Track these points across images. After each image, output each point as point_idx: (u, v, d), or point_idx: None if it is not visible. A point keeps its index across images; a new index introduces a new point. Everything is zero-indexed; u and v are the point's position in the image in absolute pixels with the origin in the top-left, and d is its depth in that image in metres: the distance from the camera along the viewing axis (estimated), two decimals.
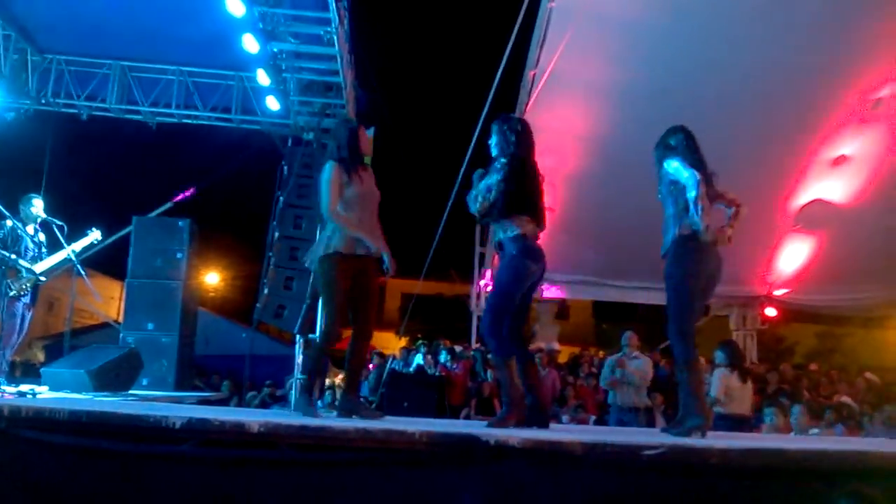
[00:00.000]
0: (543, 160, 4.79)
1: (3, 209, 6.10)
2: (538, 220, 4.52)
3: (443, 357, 10.79)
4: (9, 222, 6.30)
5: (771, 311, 14.15)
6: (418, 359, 10.85)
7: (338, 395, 9.81)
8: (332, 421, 4.15)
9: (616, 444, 3.39)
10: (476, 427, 4.24)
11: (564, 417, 9.26)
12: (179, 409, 4.69)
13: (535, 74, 10.29)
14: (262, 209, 10.01)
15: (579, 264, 12.27)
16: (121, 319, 14.57)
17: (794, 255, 12.92)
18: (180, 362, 9.24)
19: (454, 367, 10.42)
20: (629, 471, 3.37)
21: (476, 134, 9.70)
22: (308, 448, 3.76)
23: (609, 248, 11.99)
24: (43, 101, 10.27)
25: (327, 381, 10.91)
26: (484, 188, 4.44)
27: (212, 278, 20.01)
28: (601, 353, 13.36)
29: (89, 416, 3.83)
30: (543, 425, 4.38)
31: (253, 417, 3.96)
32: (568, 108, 10.63)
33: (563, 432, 4.16)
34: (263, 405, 10.73)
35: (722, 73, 9.67)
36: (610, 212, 11.33)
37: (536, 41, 10.06)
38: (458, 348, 11.69)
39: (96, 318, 14.95)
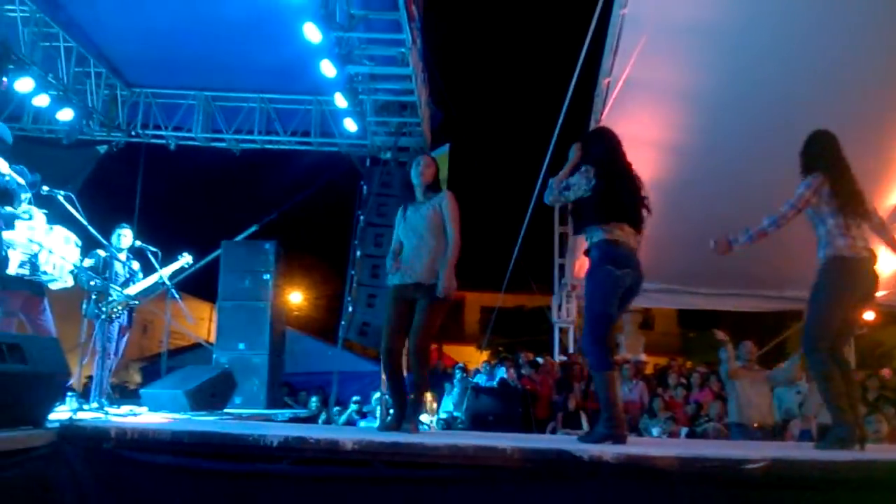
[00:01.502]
0: None
1: (99, 237, 6.39)
2: (631, 225, 4.43)
3: (526, 370, 10.73)
4: (102, 251, 6.61)
5: (869, 315, 13.51)
6: (501, 372, 10.81)
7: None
8: (424, 438, 4.18)
9: (714, 459, 3.29)
10: (568, 442, 4.19)
11: (654, 430, 9.05)
12: (275, 427, 4.80)
13: (609, 82, 10.17)
14: (343, 228, 10.24)
15: (663, 272, 12.01)
16: (212, 340, 15.07)
17: (891, 257, 12.30)
18: (271, 381, 9.48)
19: (538, 380, 10.34)
20: (728, 486, 3.27)
21: (552, 144, 9.65)
22: (400, 465, 3.80)
23: (693, 255, 11.68)
24: (133, 133, 10.74)
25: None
26: (564, 183, 4.41)
27: (295, 297, 20.48)
28: (689, 364, 13.04)
29: (191, 437, 3.95)
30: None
31: (346, 435, 4.02)
32: (644, 115, 10.45)
33: (658, 447, 4.06)
34: (350, 421, 10.87)
35: (802, 76, 9.33)
36: (691, 218, 11.05)
37: (609, 49, 9.95)
38: (540, 360, 11.59)
39: (188, 339, 15.47)
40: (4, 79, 8.11)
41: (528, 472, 3.63)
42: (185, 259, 7.03)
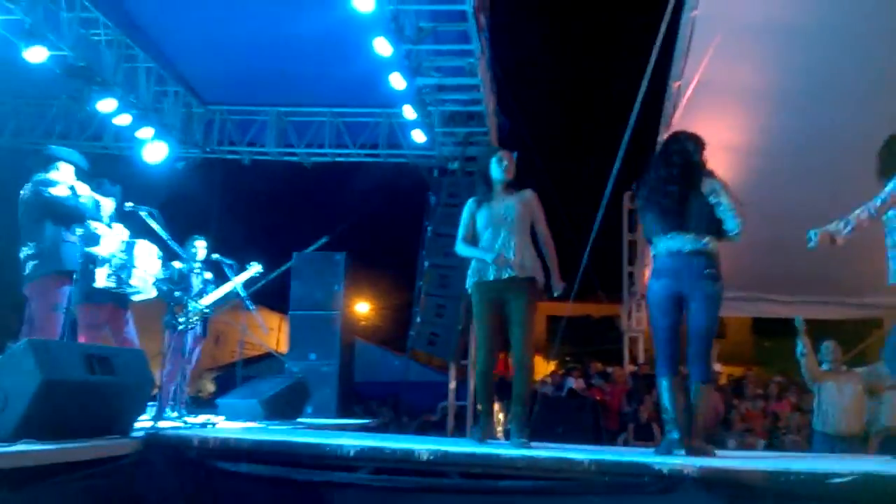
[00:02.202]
0: None
1: (180, 251, 6.60)
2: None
3: (596, 380, 10.60)
4: (177, 263, 6.83)
5: None
6: (569, 382, 10.70)
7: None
8: (500, 449, 4.16)
9: (801, 473, 3.18)
10: (646, 455, 4.12)
11: (731, 442, 8.82)
12: (352, 437, 4.86)
13: (680, 85, 9.99)
14: (410, 239, 10.32)
15: (738, 279, 11.71)
16: (283, 350, 15.34)
17: None
18: (341, 390, 9.60)
19: (608, 390, 10.20)
20: (815, 501, 3.16)
21: (622, 150, 9.53)
22: (477, 476, 3.80)
23: (769, 261, 11.37)
24: (208, 150, 11.08)
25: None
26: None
27: (363, 308, 20.72)
28: (765, 374, 12.68)
29: (270, 446, 4.04)
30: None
31: (422, 445, 4.03)
32: (716, 118, 10.21)
33: (740, 460, 3.95)
34: (420, 431, 10.92)
35: (880, 73, 8.98)
36: (768, 223, 10.74)
37: (680, 51, 9.77)
38: (609, 370, 11.43)
39: (260, 348, 15.81)
40: None
41: (606, 486, 3.59)
42: (255, 269, 7.19)
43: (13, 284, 5.76)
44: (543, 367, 15.09)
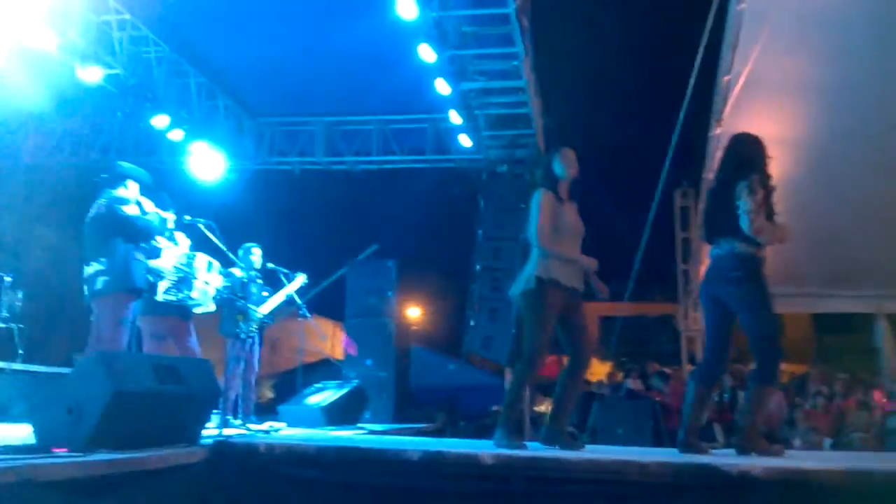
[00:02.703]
0: None
1: (237, 261, 6.72)
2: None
3: (654, 381, 10.43)
4: (236, 272, 6.94)
5: None
6: (627, 383, 10.56)
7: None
8: (563, 452, 4.14)
9: (882, 472, 3.09)
10: (711, 456, 4.05)
11: (796, 441, 8.60)
12: (414, 441, 4.88)
13: (729, 80, 9.82)
14: (460, 243, 10.34)
15: (796, 275, 11.44)
16: (338, 356, 15.47)
17: None
18: (398, 395, 9.66)
19: (668, 391, 10.03)
20: (891, 500, 3.07)
21: (672, 147, 9.40)
22: (540, 480, 3.78)
23: (828, 255, 11.08)
24: (259, 161, 11.27)
25: (538, 410, 10.90)
26: None
27: (414, 312, 20.80)
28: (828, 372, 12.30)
29: (335, 452, 4.08)
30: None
31: (484, 450, 4.03)
32: (768, 112, 9.98)
33: (811, 460, 3.86)
34: (477, 434, 10.89)
35: None
36: (824, 217, 10.48)
37: (728, 45, 9.60)
38: (667, 371, 11.24)
39: (317, 355, 15.97)
40: None
41: (672, 488, 3.54)
42: (301, 279, 7.25)
43: (76, 297, 5.96)
44: (597, 368, 14.94)
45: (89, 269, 5.42)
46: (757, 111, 9.91)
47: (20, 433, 4.16)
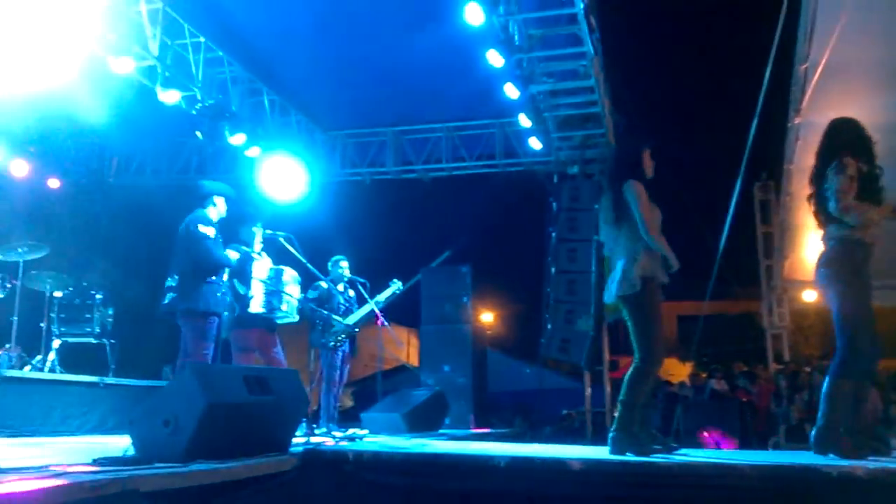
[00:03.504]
0: None
1: (318, 273, 6.83)
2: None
3: (740, 381, 10.15)
4: (323, 283, 7.06)
5: None
6: (711, 384, 10.30)
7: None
8: (654, 457, 4.06)
9: None
10: (812, 458, 3.91)
11: (894, 441, 8.21)
12: (502, 448, 4.86)
13: (806, 69, 9.48)
14: (533, 246, 10.28)
15: (889, 268, 10.94)
16: (413, 363, 15.56)
17: None
18: (476, 400, 9.64)
19: (754, 391, 9.75)
20: None
21: (750, 139, 9.12)
22: (630, 485, 3.71)
23: None
24: (332, 174, 11.45)
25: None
26: None
27: (489, 317, 20.81)
28: None
29: (422, 458, 4.11)
30: None
31: (573, 455, 3.99)
32: (848, 99, 9.59)
33: None
34: (556, 438, 10.81)
35: None
36: None
37: (804, 34, 9.28)
38: (753, 370, 10.92)
39: (394, 362, 16.14)
40: None
41: (769, 492, 3.44)
42: (396, 286, 7.34)
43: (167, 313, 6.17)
44: (678, 369, 14.62)
45: (166, 283, 5.64)
46: (836, 99, 9.54)
47: (118, 444, 4.32)
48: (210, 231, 5.69)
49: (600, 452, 4.60)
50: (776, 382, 9.87)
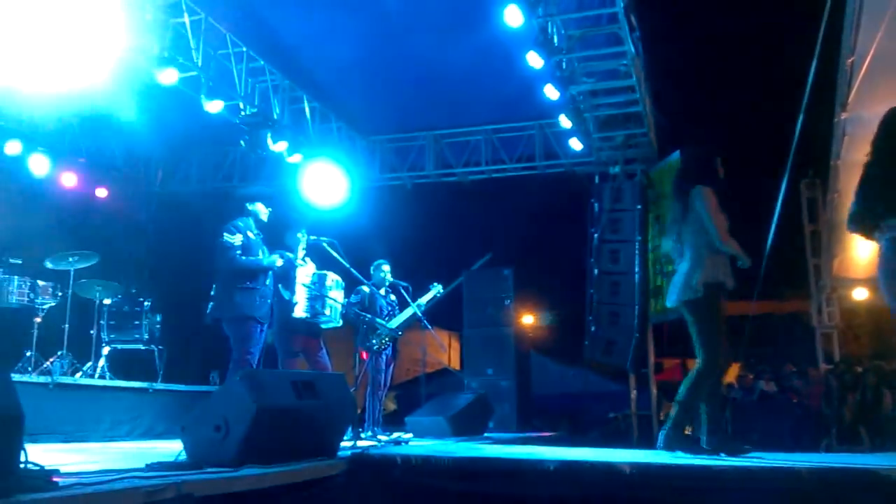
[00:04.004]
0: None
1: (360, 277, 6.87)
2: None
3: (790, 382, 9.94)
4: (365, 288, 7.09)
5: None
6: (760, 385, 10.11)
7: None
8: (707, 459, 4.00)
9: None
10: (863, 458, 3.82)
11: None
12: (551, 451, 4.83)
13: (853, 62, 9.26)
14: (574, 248, 10.18)
15: None
16: (455, 366, 15.55)
17: None
18: (520, 404, 9.60)
19: (805, 392, 9.54)
20: None
21: (796, 136, 8.92)
22: (683, 489, 3.66)
23: None
24: (373, 179, 11.51)
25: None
26: None
27: (531, 319, 20.72)
28: None
29: (470, 462, 4.09)
30: None
31: (624, 458, 3.94)
32: None
33: None
34: (601, 443, 10.70)
35: None
36: None
37: (850, 26, 9.06)
38: (803, 371, 10.69)
39: (437, 366, 16.15)
40: None
41: (828, 496, 3.35)
42: (437, 289, 7.36)
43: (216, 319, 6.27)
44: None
45: (211, 291, 5.75)
46: (885, 92, 9.29)
47: (169, 449, 4.39)
48: (236, 239, 5.77)
49: (650, 455, 4.55)
50: (827, 383, 9.65)
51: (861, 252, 10.40)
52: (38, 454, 2.65)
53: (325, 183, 9.83)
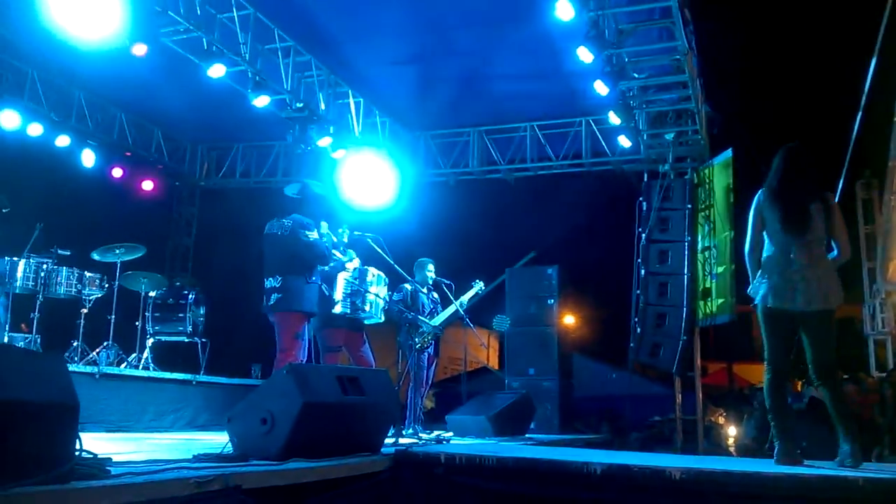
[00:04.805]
0: None
1: (404, 274, 6.83)
2: None
3: (847, 388, 9.62)
4: (408, 285, 7.05)
5: None
6: (809, 391, 9.81)
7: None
8: (760, 466, 3.87)
9: None
10: None
11: None
12: (596, 454, 4.74)
13: None
14: (621, 248, 10.00)
15: None
16: (494, 365, 15.46)
17: None
18: (562, 405, 9.47)
19: (857, 400, 9.22)
20: None
21: (854, 134, 8.68)
22: (736, 497, 3.55)
23: None
24: (417, 175, 11.46)
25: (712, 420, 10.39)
26: None
27: (574, 320, 20.52)
28: None
29: (515, 462, 4.02)
30: None
31: (673, 463, 3.83)
32: None
33: None
34: (644, 447, 10.52)
35: None
36: None
37: None
38: (856, 378, 10.34)
39: (474, 364, 16.10)
40: None
41: None
42: (478, 286, 7.30)
43: (251, 312, 6.29)
44: None
45: (267, 283, 5.70)
46: None
47: (213, 441, 4.39)
48: (314, 235, 5.76)
49: (699, 461, 4.43)
50: (881, 391, 9.32)
51: None
52: (87, 443, 2.66)
53: (372, 179, 9.81)
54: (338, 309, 6.03)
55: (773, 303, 4.22)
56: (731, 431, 11.05)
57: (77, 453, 2.59)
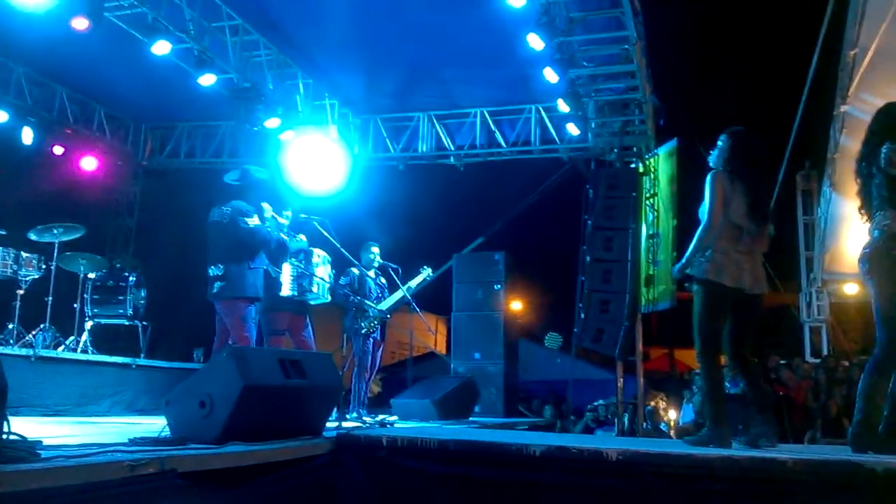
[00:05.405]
0: None
1: (350, 257, 6.79)
2: None
3: (776, 375, 9.93)
4: (355, 269, 7.02)
5: None
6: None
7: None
8: (694, 449, 3.96)
9: None
10: (849, 453, 3.80)
11: None
12: (537, 437, 4.80)
13: (855, 54, 9.21)
14: (567, 235, 10.12)
15: None
16: (442, 350, 15.51)
17: None
18: (507, 389, 9.56)
19: (791, 385, 9.54)
20: None
21: (795, 127, 8.90)
22: (670, 477, 3.63)
23: None
24: (365, 158, 11.39)
25: (650, 405, 10.61)
26: None
27: (520, 305, 20.70)
28: None
29: (456, 445, 4.04)
30: None
31: (610, 445, 3.90)
32: None
33: None
34: (587, 430, 10.71)
35: None
36: None
37: (853, 18, 9.01)
38: (789, 363, 10.69)
39: (421, 349, 16.12)
40: None
41: (811, 486, 3.35)
42: (426, 272, 7.31)
43: (193, 295, 6.19)
44: None
45: (210, 272, 5.63)
46: (885, 87, 9.26)
47: (151, 425, 4.33)
48: (255, 221, 5.67)
49: (636, 443, 4.52)
50: (815, 377, 9.66)
51: (853, 247, 10.40)
52: (20, 427, 2.59)
53: (319, 162, 9.69)
54: (286, 291, 5.96)
55: (722, 279, 4.30)
56: (672, 415, 11.31)
57: (4, 436, 2.52)
